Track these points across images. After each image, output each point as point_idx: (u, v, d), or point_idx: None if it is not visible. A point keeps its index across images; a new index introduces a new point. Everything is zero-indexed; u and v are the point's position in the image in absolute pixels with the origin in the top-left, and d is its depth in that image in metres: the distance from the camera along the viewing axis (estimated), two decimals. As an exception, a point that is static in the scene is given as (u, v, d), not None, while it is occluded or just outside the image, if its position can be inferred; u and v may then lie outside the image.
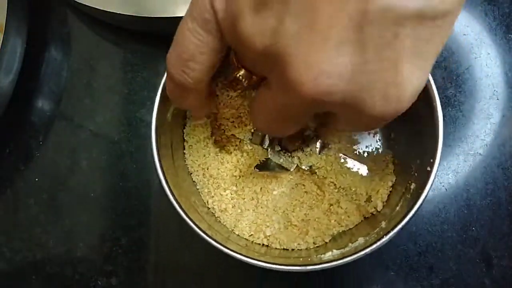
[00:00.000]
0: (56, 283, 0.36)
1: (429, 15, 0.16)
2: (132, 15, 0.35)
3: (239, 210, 0.32)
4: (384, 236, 0.26)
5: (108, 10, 0.35)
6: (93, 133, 0.38)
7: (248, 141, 0.33)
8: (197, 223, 0.27)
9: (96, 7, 0.36)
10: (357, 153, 0.34)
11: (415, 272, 0.35)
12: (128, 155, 0.38)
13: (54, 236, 0.37)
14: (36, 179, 0.38)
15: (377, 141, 0.34)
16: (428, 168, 0.28)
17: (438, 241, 0.36)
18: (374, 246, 0.26)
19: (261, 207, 0.33)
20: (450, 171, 0.37)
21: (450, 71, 0.38)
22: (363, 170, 0.33)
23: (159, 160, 0.28)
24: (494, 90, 0.38)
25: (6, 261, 0.37)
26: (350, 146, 0.34)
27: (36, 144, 0.39)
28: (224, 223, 0.32)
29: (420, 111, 0.28)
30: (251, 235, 0.32)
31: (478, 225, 0.36)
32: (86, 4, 0.36)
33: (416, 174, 0.30)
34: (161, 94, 0.28)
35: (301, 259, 0.29)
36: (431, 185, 0.27)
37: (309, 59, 0.17)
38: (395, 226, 0.27)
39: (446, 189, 0.36)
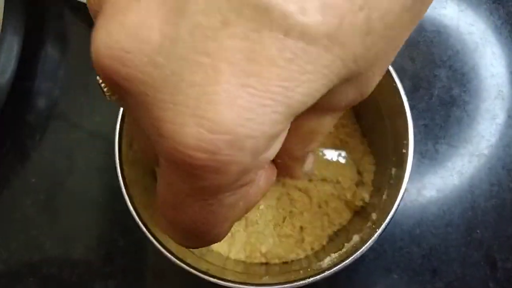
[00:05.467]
0: (53, 285, 0.36)
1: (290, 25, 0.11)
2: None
3: (230, 233, 0.32)
4: (377, 230, 0.26)
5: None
6: (91, 132, 0.38)
7: None
8: (188, 261, 0.26)
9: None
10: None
11: (419, 275, 0.35)
12: (126, 155, 0.37)
13: (51, 237, 0.37)
14: (33, 179, 0.38)
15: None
16: (403, 151, 0.27)
17: (442, 243, 0.35)
18: (369, 242, 0.26)
19: (251, 225, 0.32)
20: (455, 172, 0.36)
21: (455, 70, 0.38)
22: (341, 157, 0.33)
23: (133, 205, 0.27)
24: (500, 90, 0.37)
25: (2, 262, 0.36)
26: (326, 141, 0.34)
27: (33, 144, 0.38)
28: (218, 251, 0.32)
29: (382, 95, 0.28)
30: (248, 256, 0.32)
31: (482, 227, 0.35)
32: (84, 1, 0.36)
33: (394, 158, 0.29)
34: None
35: (301, 271, 0.28)
36: (411, 168, 0.27)
37: (107, 24, 0.13)
38: (385, 216, 0.26)
39: (450, 190, 0.36)
